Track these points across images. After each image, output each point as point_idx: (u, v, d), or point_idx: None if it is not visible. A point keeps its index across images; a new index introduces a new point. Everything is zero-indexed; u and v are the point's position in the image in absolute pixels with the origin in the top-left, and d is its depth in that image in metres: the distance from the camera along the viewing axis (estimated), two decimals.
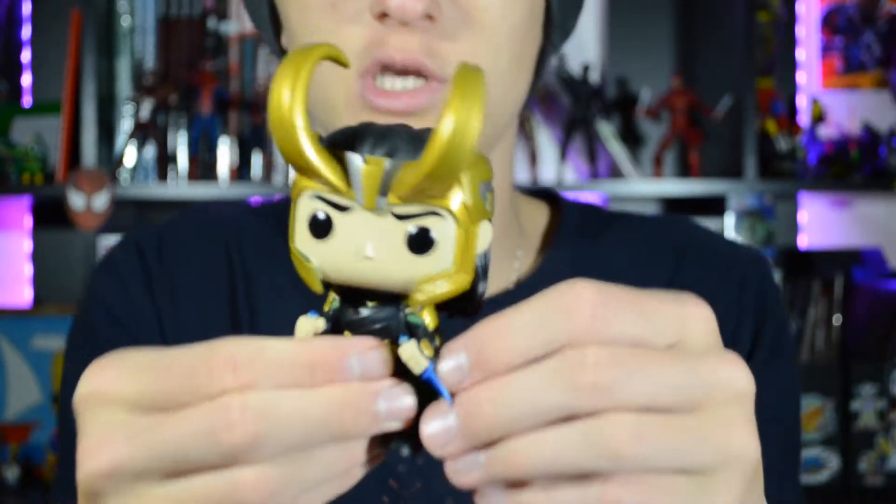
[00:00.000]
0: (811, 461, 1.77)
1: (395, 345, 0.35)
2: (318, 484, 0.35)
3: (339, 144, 0.35)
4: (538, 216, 0.73)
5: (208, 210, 0.74)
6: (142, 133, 1.84)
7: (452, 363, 0.34)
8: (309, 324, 0.36)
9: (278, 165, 1.88)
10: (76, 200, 1.74)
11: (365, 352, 0.34)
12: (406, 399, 0.34)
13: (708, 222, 1.86)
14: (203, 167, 1.87)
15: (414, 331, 0.35)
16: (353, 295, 0.36)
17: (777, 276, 1.86)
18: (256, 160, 1.88)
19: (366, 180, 0.34)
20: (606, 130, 1.91)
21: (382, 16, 0.56)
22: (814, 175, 1.88)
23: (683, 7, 2.06)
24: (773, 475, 0.66)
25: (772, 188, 1.81)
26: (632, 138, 2.03)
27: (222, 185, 1.81)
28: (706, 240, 0.72)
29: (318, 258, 0.35)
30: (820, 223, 2.09)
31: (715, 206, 1.87)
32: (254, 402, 0.33)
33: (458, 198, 0.34)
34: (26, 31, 2.02)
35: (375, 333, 0.35)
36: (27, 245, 2.03)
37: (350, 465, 0.35)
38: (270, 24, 0.66)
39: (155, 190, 1.78)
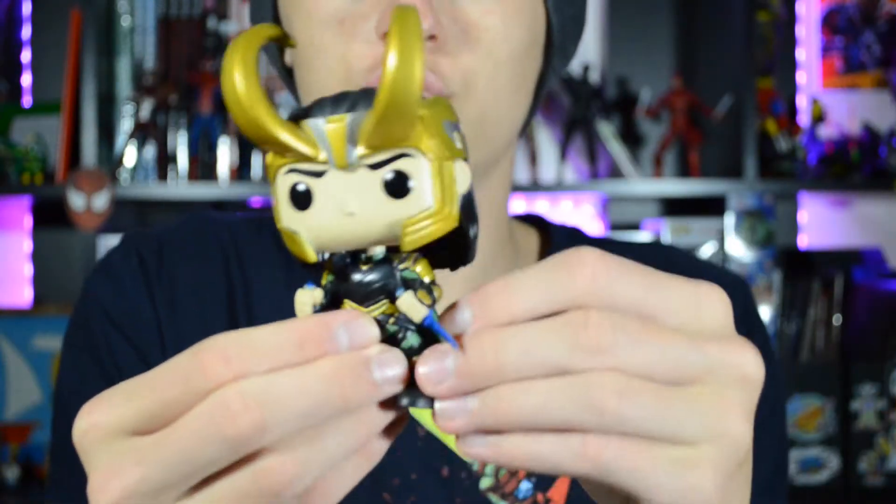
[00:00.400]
0: (811, 461, 1.77)
1: (393, 303, 0.35)
2: (342, 458, 0.35)
3: (298, 118, 0.35)
4: (530, 239, 0.74)
5: (206, 218, 0.74)
6: (142, 133, 1.84)
7: (456, 314, 0.35)
8: (307, 295, 0.36)
9: None
10: (76, 200, 1.74)
11: (350, 321, 0.34)
12: (397, 360, 0.34)
13: (708, 222, 1.86)
14: (203, 167, 1.86)
15: (411, 284, 0.35)
16: (346, 264, 0.36)
17: (777, 276, 1.86)
18: (256, 160, 1.88)
19: (332, 139, 0.34)
20: (606, 130, 1.91)
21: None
22: (814, 175, 1.88)
23: (683, 7, 2.06)
24: (762, 490, 0.66)
25: (772, 188, 1.81)
26: (632, 138, 2.03)
27: (222, 185, 1.81)
28: (688, 265, 0.73)
29: (304, 228, 0.35)
30: (820, 223, 2.09)
31: (715, 206, 1.87)
32: (251, 389, 0.33)
33: (423, 135, 0.34)
34: (26, 31, 2.02)
35: (374, 295, 0.35)
36: (27, 245, 2.03)
37: (367, 433, 0.35)
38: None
39: (155, 190, 1.78)
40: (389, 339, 0.35)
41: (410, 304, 0.35)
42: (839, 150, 1.89)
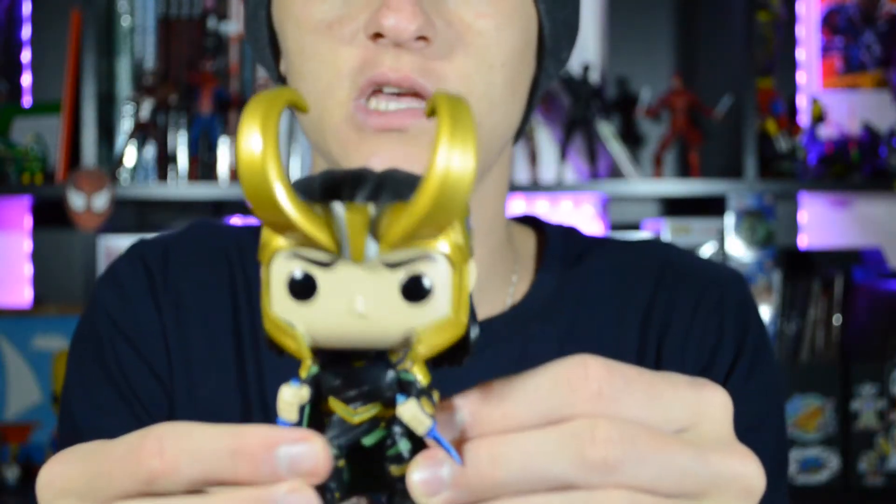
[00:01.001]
0: (811, 461, 1.77)
1: (386, 407, 0.33)
2: None
3: (313, 193, 0.31)
4: (527, 242, 0.74)
5: (211, 224, 0.74)
6: (142, 133, 1.84)
7: (446, 419, 0.33)
8: (293, 395, 0.32)
9: None
10: (76, 200, 1.74)
11: (296, 443, 0.31)
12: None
13: (708, 222, 1.86)
14: (203, 167, 1.87)
15: (408, 389, 0.32)
16: (334, 357, 0.33)
17: (777, 276, 1.86)
18: None
19: (351, 229, 0.30)
20: (606, 130, 1.91)
21: (376, 36, 0.57)
22: (814, 175, 1.88)
23: (683, 7, 2.06)
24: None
25: (772, 188, 1.81)
26: (632, 138, 2.03)
27: (222, 185, 1.81)
28: (684, 261, 0.73)
29: (303, 323, 0.31)
30: (820, 223, 2.09)
31: (715, 206, 1.87)
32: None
33: (449, 238, 0.31)
34: (26, 31, 2.02)
35: (365, 396, 0.33)
36: (27, 245, 2.03)
37: None
38: (270, 50, 0.67)
39: (155, 190, 1.78)
40: (377, 446, 0.33)
41: (414, 416, 0.32)
42: (839, 150, 1.89)
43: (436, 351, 0.32)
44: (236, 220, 0.78)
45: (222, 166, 1.86)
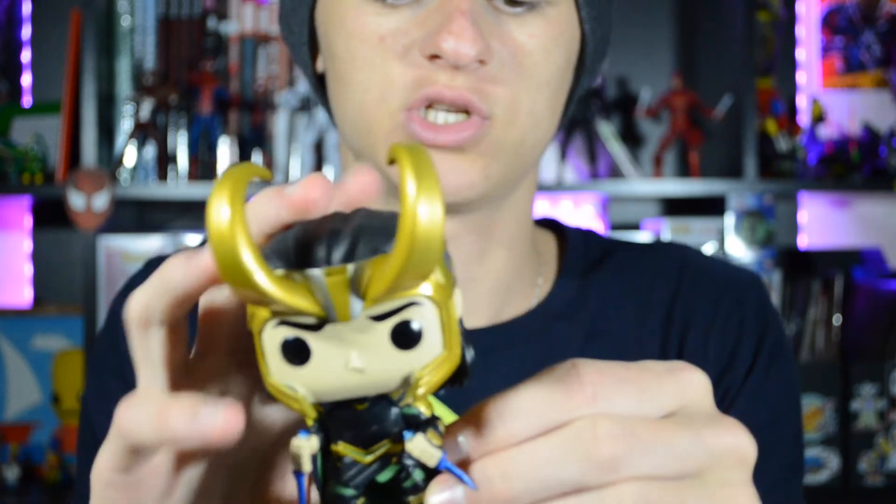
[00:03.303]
0: (811, 461, 1.77)
1: (395, 443, 0.33)
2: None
3: (289, 257, 0.32)
4: (549, 245, 0.76)
5: None
6: (142, 133, 1.84)
7: (454, 445, 0.34)
8: (306, 447, 0.33)
9: (279, 165, 1.88)
10: (76, 200, 1.74)
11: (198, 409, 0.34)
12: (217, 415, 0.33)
13: (708, 222, 1.86)
14: (203, 167, 1.87)
15: (413, 423, 0.33)
16: (337, 403, 0.33)
17: (777, 276, 1.86)
18: (256, 160, 1.88)
19: (333, 292, 0.31)
20: (606, 130, 1.91)
21: (433, 57, 0.57)
22: (814, 175, 1.88)
23: (683, 7, 2.06)
24: (779, 483, 0.67)
25: (772, 188, 1.81)
26: (632, 138, 2.03)
27: None
28: (702, 263, 0.74)
29: (304, 386, 0.32)
30: (820, 223, 2.09)
31: (715, 206, 1.87)
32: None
33: (430, 280, 0.32)
34: (26, 31, 2.02)
35: (372, 437, 0.33)
36: (27, 245, 2.03)
37: None
38: (308, 47, 0.67)
39: (155, 190, 1.78)
40: (393, 480, 0.34)
41: (423, 451, 0.33)
42: (839, 150, 1.89)
43: (435, 388, 0.33)
44: None
45: (222, 166, 1.86)
